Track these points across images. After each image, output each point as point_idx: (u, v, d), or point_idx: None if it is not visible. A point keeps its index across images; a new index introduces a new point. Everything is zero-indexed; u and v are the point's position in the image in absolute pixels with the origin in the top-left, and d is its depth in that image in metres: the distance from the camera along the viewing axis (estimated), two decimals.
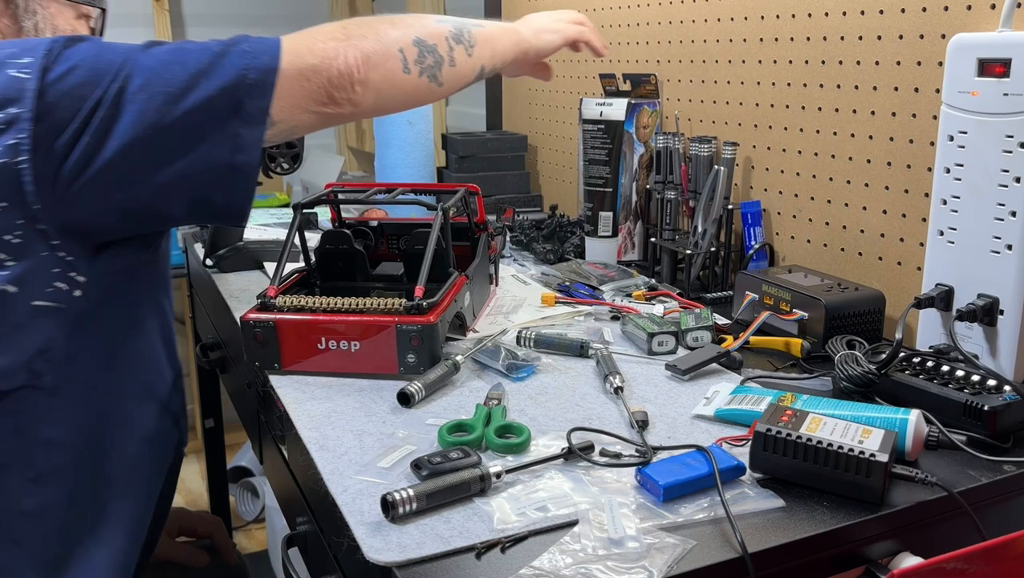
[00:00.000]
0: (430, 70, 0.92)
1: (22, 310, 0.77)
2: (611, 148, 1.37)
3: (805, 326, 1.00)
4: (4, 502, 0.79)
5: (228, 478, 2.12)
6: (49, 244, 0.77)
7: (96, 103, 0.75)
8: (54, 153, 0.75)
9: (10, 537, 0.79)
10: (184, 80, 0.77)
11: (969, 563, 0.63)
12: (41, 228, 0.76)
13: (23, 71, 0.75)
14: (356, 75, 0.84)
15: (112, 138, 0.75)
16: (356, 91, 0.85)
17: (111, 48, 0.78)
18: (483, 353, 0.97)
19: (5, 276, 0.76)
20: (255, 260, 1.39)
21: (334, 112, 0.85)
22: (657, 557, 0.61)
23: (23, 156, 0.74)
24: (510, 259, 1.45)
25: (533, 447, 0.77)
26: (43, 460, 0.80)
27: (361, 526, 0.66)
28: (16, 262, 0.76)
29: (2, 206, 0.75)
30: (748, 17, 1.26)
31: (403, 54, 0.89)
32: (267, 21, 3.21)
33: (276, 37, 0.84)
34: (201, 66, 0.78)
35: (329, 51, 0.83)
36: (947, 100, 0.90)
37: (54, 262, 0.77)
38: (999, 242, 0.86)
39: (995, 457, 0.75)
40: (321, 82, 0.83)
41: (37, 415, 0.79)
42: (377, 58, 0.86)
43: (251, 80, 0.79)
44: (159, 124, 0.76)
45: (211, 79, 0.78)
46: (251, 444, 1.22)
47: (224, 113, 0.78)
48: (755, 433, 0.72)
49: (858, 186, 1.11)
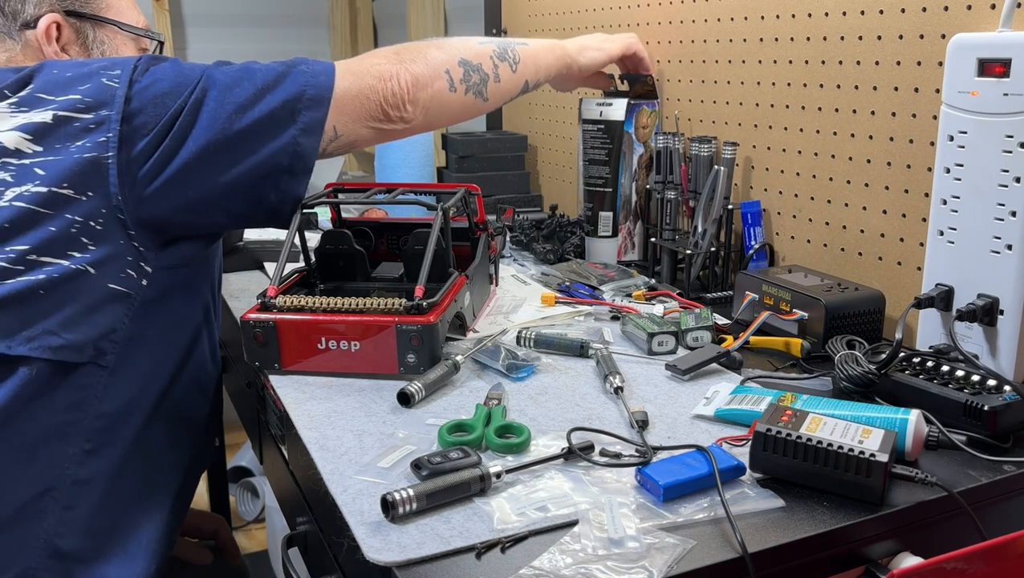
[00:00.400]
0: (476, 87, 1.04)
1: (99, 291, 0.85)
2: (611, 148, 1.37)
3: (805, 326, 1.00)
4: (61, 470, 0.85)
5: (228, 478, 2.12)
6: (127, 233, 0.85)
7: (178, 111, 0.86)
8: (136, 153, 0.85)
9: (63, 504, 0.85)
10: (252, 94, 0.89)
11: (969, 563, 0.63)
12: (121, 218, 0.85)
13: (113, 80, 0.86)
14: (407, 95, 0.97)
15: (188, 142, 0.86)
16: (407, 109, 0.98)
17: (189, 66, 0.90)
18: (483, 353, 0.97)
19: (87, 258, 0.84)
20: (255, 260, 1.39)
21: (389, 128, 0.98)
22: (657, 557, 0.61)
23: (111, 152, 0.84)
24: (510, 259, 1.45)
25: (533, 447, 0.77)
26: (98, 434, 0.86)
27: (361, 526, 0.66)
28: (97, 247, 0.84)
29: (89, 195, 0.84)
30: (748, 17, 1.26)
31: (449, 75, 1.01)
32: (267, 21, 3.21)
33: (331, 62, 0.96)
34: (267, 82, 0.90)
35: (385, 73, 0.96)
36: (947, 100, 0.90)
37: (129, 251, 0.86)
38: (999, 242, 0.87)
39: (995, 457, 0.75)
40: (377, 100, 0.96)
41: (96, 391, 0.86)
42: (425, 80, 0.98)
43: (310, 96, 0.91)
44: (229, 130, 0.88)
45: (275, 93, 0.90)
46: (251, 444, 1.22)
47: (285, 122, 0.90)
48: (755, 433, 0.72)
49: (858, 186, 1.11)
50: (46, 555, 0.84)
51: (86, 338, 0.84)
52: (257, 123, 0.89)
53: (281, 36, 3.22)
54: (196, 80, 0.88)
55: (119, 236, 0.85)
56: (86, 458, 0.86)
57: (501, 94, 1.09)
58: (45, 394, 0.83)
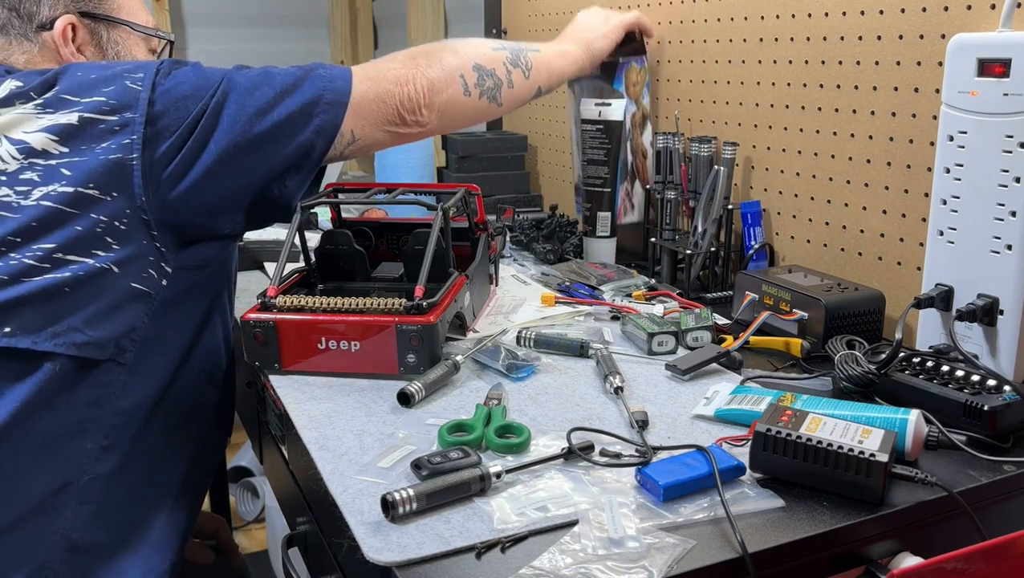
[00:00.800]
0: (490, 92, 1.06)
1: (122, 290, 0.86)
2: (609, 148, 1.37)
3: (805, 326, 1.00)
4: (78, 466, 0.86)
5: (228, 478, 2.12)
6: (150, 233, 0.87)
7: (200, 114, 0.88)
8: (160, 155, 0.86)
9: (80, 498, 0.87)
10: (271, 98, 0.91)
11: (969, 563, 0.63)
12: (144, 218, 0.86)
13: (137, 83, 0.87)
14: (423, 100, 0.99)
15: (210, 145, 0.88)
16: (423, 114, 0.99)
17: (210, 70, 0.92)
18: (483, 353, 0.97)
19: (112, 257, 0.85)
20: (255, 260, 1.39)
21: (405, 132, 1.00)
22: (657, 557, 0.61)
23: (135, 153, 0.85)
24: (510, 259, 1.45)
25: (533, 447, 0.77)
26: (115, 430, 0.88)
27: (361, 526, 0.66)
28: (121, 246, 0.86)
29: (114, 196, 0.85)
30: (748, 17, 1.26)
31: (464, 80, 1.03)
32: (267, 21, 3.21)
33: (348, 67, 0.98)
34: (286, 86, 0.92)
35: (401, 78, 0.98)
36: (947, 100, 0.90)
37: (151, 251, 0.87)
38: (999, 242, 0.87)
39: (995, 457, 0.76)
40: (394, 104, 0.97)
41: (115, 388, 0.87)
42: (440, 84, 1.00)
43: (327, 100, 0.94)
44: (249, 133, 0.90)
45: (294, 97, 0.92)
46: (251, 444, 1.22)
47: (302, 126, 0.92)
48: (755, 433, 0.72)
49: (858, 186, 1.11)
50: (62, 549, 0.85)
51: (109, 335, 0.86)
52: (276, 126, 0.91)
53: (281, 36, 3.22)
54: (217, 84, 0.90)
55: (142, 236, 0.87)
56: (103, 454, 0.87)
57: (514, 99, 1.12)
58: (68, 390, 0.85)
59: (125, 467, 0.89)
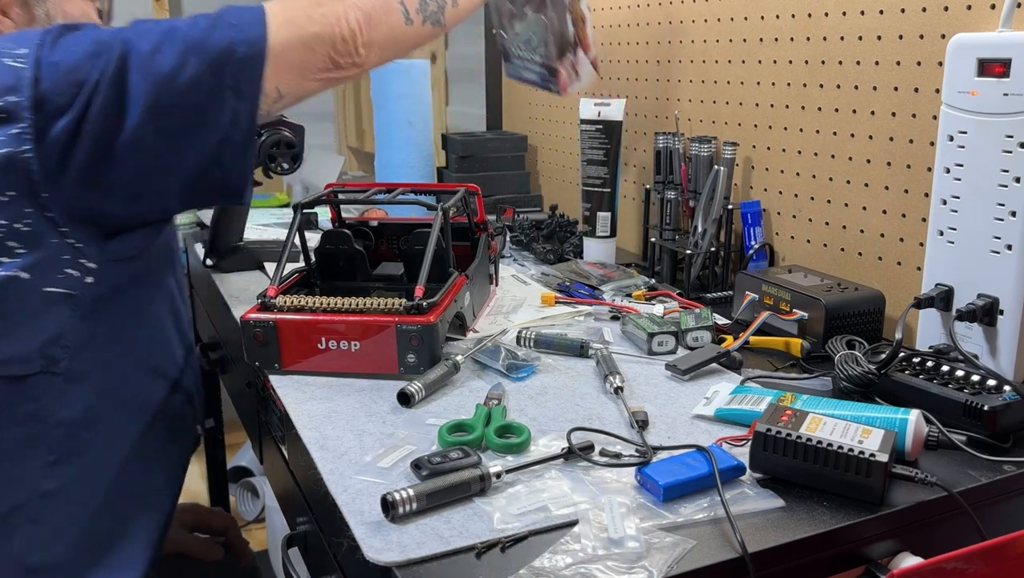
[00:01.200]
0: (433, 16, 0.91)
1: (35, 297, 0.78)
2: (609, 148, 1.37)
3: (805, 326, 1.00)
4: (25, 485, 0.81)
5: (228, 478, 2.12)
6: (58, 231, 0.78)
7: (94, 86, 0.75)
8: (55, 140, 0.75)
9: (28, 516, 0.81)
10: (176, 59, 0.77)
11: (969, 563, 0.63)
12: (49, 216, 0.77)
13: (19, 61, 0.75)
14: (359, 38, 0.83)
15: (111, 121, 0.76)
16: (360, 53, 0.84)
17: (105, 30, 0.79)
18: (483, 353, 0.97)
19: (17, 264, 0.77)
20: (255, 260, 1.39)
21: (339, 76, 0.85)
22: (657, 557, 0.61)
23: (27, 145, 0.75)
24: (510, 259, 1.45)
25: (533, 447, 0.77)
26: (62, 443, 0.82)
27: (361, 526, 0.66)
28: (27, 250, 0.77)
29: (11, 195, 0.76)
30: (748, 17, 1.26)
31: (403, 5, 0.87)
32: None
33: (260, 6, 0.81)
34: (191, 43, 0.78)
35: (330, 16, 0.81)
36: (947, 100, 0.90)
37: (64, 249, 0.79)
38: (999, 242, 0.86)
39: (995, 457, 0.75)
40: (325, 51, 0.82)
41: (54, 400, 0.81)
42: (378, 15, 0.85)
43: (240, 54, 0.78)
44: (157, 106, 0.76)
45: (200, 56, 0.77)
46: (251, 444, 1.22)
47: (216, 90, 0.78)
48: (755, 433, 0.72)
49: (858, 186, 1.11)
50: (18, 573, 0.81)
51: (30, 347, 0.79)
52: (186, 94, 0.77)
53: None
54: (112, 45, 0.77)
55: (50, 235, 0.77)
56: (51, 469, 0.82)
57: (458, 17, 0.96)
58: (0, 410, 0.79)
59: (80, 480, 0.84)
